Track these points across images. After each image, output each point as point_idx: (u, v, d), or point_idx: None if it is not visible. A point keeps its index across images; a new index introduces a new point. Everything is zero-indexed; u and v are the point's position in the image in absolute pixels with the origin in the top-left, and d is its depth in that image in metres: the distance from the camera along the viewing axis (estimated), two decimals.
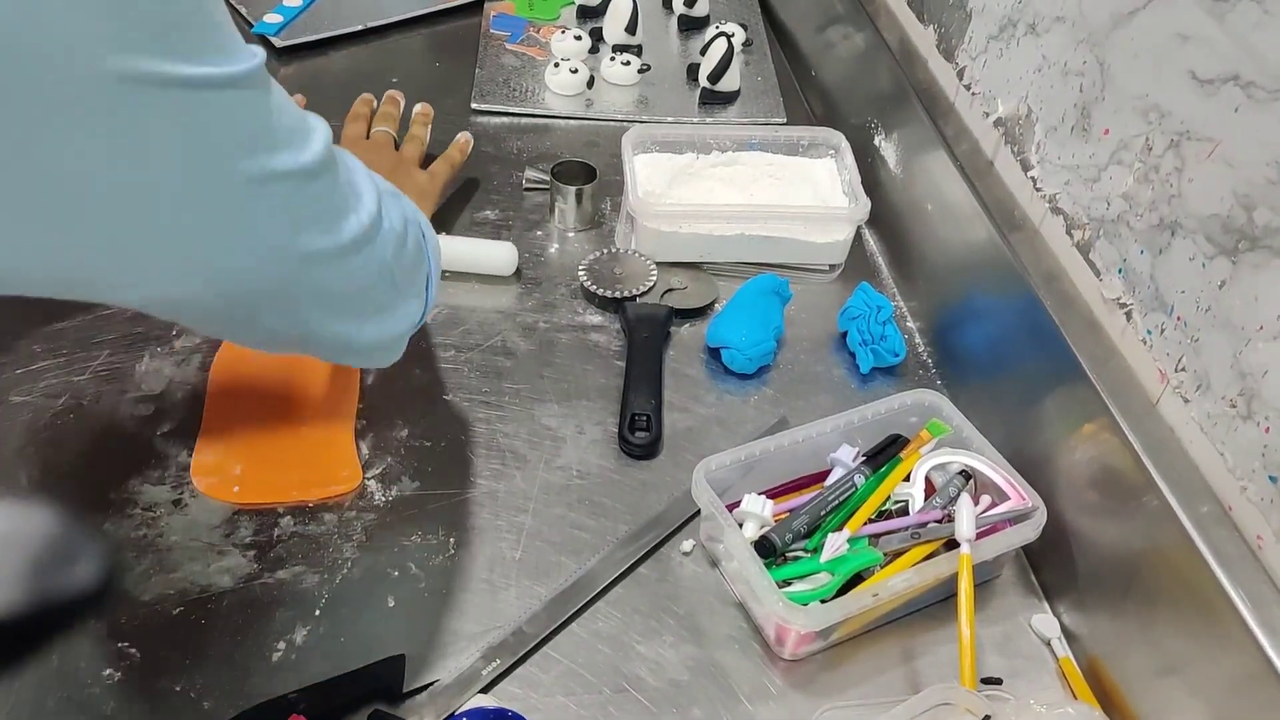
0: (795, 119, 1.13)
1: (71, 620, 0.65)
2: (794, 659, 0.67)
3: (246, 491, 0.72)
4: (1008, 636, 0.70)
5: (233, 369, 0.80)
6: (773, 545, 0.67)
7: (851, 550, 0.67)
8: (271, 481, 0.73)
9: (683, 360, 0.86)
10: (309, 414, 0.78)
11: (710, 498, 0.69)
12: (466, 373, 0.83)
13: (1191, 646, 0.59)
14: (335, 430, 0.77)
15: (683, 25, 1.25)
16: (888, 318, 0.85)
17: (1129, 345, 0.69)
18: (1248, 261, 0.58)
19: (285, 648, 0.64)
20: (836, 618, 0.63)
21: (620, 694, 0.64)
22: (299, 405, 0.78)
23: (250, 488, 0.73)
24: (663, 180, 0.96)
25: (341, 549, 0.70)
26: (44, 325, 0.82)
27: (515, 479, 0.75)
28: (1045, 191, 0.78)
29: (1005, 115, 0.83)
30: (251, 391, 0.79)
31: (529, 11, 1.25)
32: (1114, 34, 0.69)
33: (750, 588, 0.66)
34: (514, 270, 0.91)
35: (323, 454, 0.75)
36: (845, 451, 0.74)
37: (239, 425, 0.76)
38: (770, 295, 0.87)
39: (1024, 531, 0.68)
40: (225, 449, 0.75)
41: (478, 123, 1.09)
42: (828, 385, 0.85)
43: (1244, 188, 0.58)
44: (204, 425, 0.76)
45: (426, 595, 0.68)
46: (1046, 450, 0.72)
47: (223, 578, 0.68)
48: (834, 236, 0.93)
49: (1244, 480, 0.59)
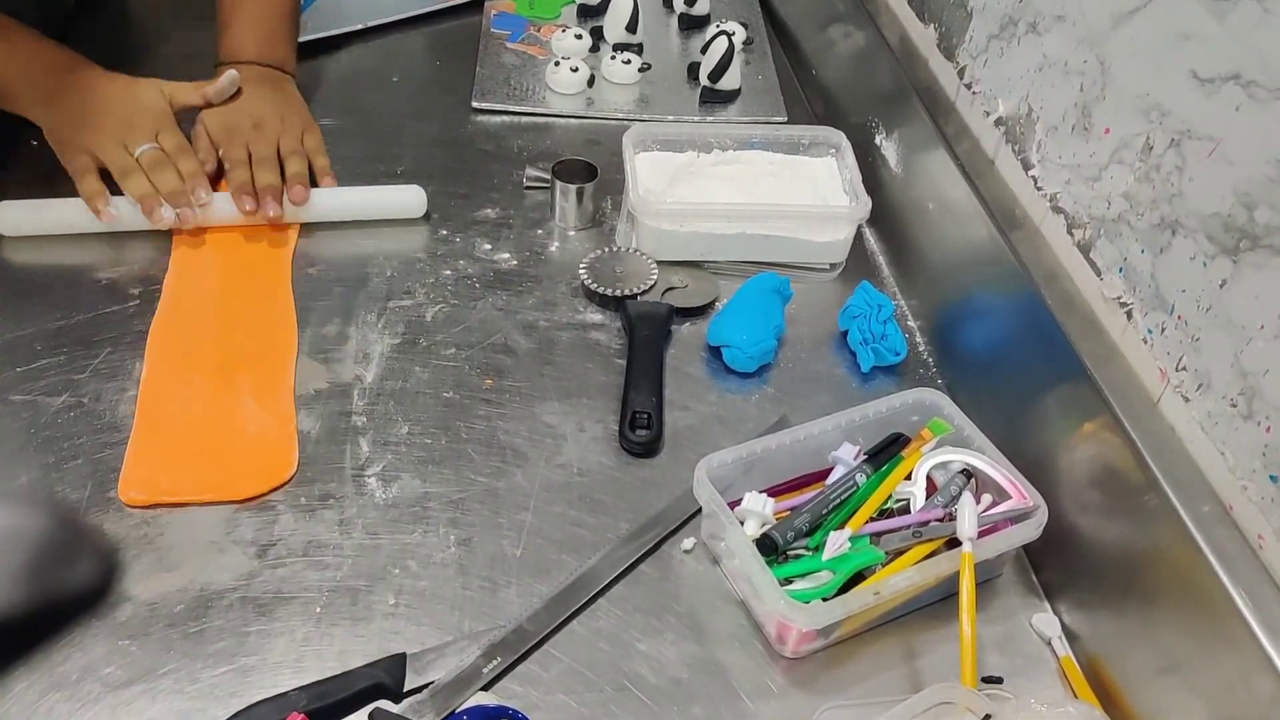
0: (796, 118, 1.13)
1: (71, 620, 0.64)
2: (795, 657, 0.67)
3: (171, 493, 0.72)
4: (1008, 636, 0.70)
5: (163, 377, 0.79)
6: (774, 543, 0.67)
7: (853, 549, 0.67)
8: (201, 480, 0.73)
9: (683, 359, 0.86)
10: (241, 409, 0.77)
11: (712, 494, 0.69)
12: (467, 370, 0.83)
13: (1192, 646, 0.59)
14: (272, 423, 0.77)
15: (683, 24, 1.24)
16: (888, 316, 0.85)
17: (1130, 344, 0.69)
18: (1249, 260, 0.58)
19: (285, 646, 0.64)
20: (838, 615, 0.63)
21: (621, 692, 0.64)
22: (232, 402, 0.78)
23: (175, 490, 0.72)
24: (663, 179, 0.96)
25: (342, 546, 0.70)
26: (44, 323, 0.82)
27: (516, 477, 0.76)
28: (1046, 190, 0.78)
29: (1006, 114, 0.83)
30: (182, 395, 0.78)
31: (529, 10, 1.25)
32: (1115, 33, 0.69)
33: (752, 585, 0.66)
34: (424, 212, 0.95)
35: (258, 449, 0.75)
36: (846, 450, 0.74)
37: (170, 433, 0.75)
38: (771, 294, 0.87)
39: (1025, 530, 0.68)
40: (157, 458, 0.74)
41: (478, 121, 1.09)
42: (828, 384, 0.85)
43: (1245, 186, 0.58)
44: (133, 437, 0.75)
45: (427, 593, 0.68)
46: (1047, 449, 0.72)
47: (223, 576, 0.68)
48: (835, 235, 0.93)
49: (1245, 480, 0.59)
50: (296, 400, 0.79)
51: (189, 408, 0.77)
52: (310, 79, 1.11)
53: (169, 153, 0.90)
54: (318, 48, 1.15)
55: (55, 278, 0.86)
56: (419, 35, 1.21)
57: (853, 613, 0.64)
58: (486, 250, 0.94)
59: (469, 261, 0.93)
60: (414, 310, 0.87)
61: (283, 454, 0.75)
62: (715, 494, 0.69)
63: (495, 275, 0.92)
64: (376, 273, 0.90)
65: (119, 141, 0.89)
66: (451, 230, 0.95)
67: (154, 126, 0.90)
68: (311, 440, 0.76)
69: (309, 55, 1.14)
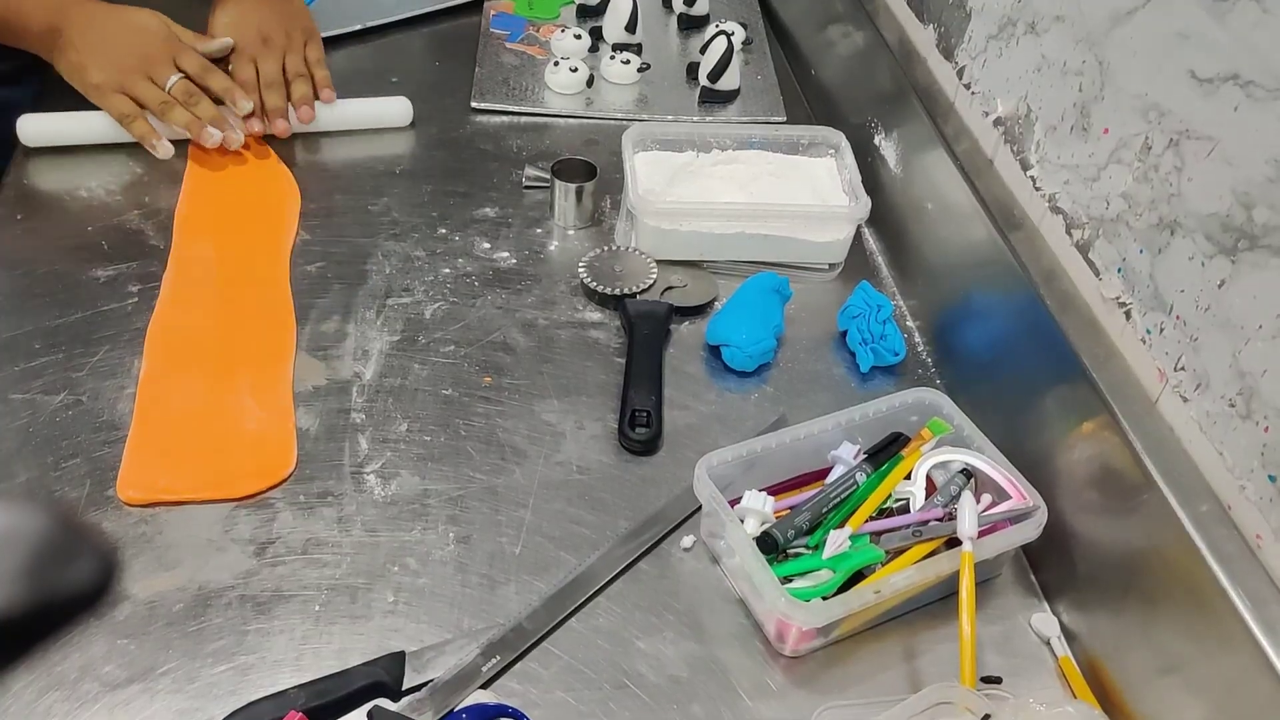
0: (795, 118, 1.13)
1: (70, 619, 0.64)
2: (794, 656, 0.67)
3: (170, 491, 0.71)
4: (1007, 635, 0.70)
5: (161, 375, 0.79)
6: (775, 541, 0.67)
7: (853, 547, 0.68)
8: (200, 478, 0.73)
9: (683, 358, 0.86)
10: (240, 407, 0.77)
11: (712, 492, 0.69)
12: (466, 368, 0.83)
13: (1191, 645, 0.59)
14: (270, 420, 0.77)
15: (682, 24, 1.25)
16: (887, 317, 0.85)
17: (1128, 344, 0.69)
18: (1247, 260, 0.58)
19: (284, 644, 0.64)
20: (838, 614, 0.63)
21: (620, 690, 0.64)
22: (230, 400, 0.78)
23: (173, 488, 0.72)
24: (663, 178, 0.96)
25: (341, 544, 0.70)
26: (42, 321, 0.82)
27: (515, 474, 0.76)
28: (1045, 191, 0.78)
29: (1005, 114, 0.83)
30: (180, 393, 0.78)
31: (529, 10, 1.25)
32: (1113, 33, 0.70)
33: (752, 583, 0.66)
34: (409, 120, 1.05)
35: (256, 446, 0.75)
36: (846, 449, 0.74)
37: (168, 431, 0.75)
38: (770, 293, 0.87)
39: (1025, 530, 0.68)
40: (155, 456, 0.74)
41: (478, 121, 1.09)
42: (828, 384, 0.85)
43: (1243, 186, 0.58)
44: (131, 435, 0.75)
45: (426, 591, 0.68)
46: (1046, 449, 0.72)
47: (221, 574, 0.68)
48: (834, 235, 0.93)
49: (1243, 479, 0.59)
50: (295, 397, 0.79)
51: (187, 405, 0.77)
52: None
53: (195, 75, 0.96)
54: None
55: (54, 274, 0.86)
56: (419, 35, 1.21)
57: (853, 611, 0.64)
58: (485, 249, 0.94)
59: (468, 260, 0.93)
60: (413, 308, 0.87)
61: (281, 451, 0.75)
62: (716, 492, 0.69)
63: (494, 274, 0.92)
64: (375, 270, 0.90)
65: (144, 76, 0.95)
66: (450, 229, 0.96)
67: (170, 53, 0.96)
68: (310, 437, 0.76)
69: None
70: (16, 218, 0.91)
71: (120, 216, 0.92)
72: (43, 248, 0.89)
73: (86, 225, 0.91)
